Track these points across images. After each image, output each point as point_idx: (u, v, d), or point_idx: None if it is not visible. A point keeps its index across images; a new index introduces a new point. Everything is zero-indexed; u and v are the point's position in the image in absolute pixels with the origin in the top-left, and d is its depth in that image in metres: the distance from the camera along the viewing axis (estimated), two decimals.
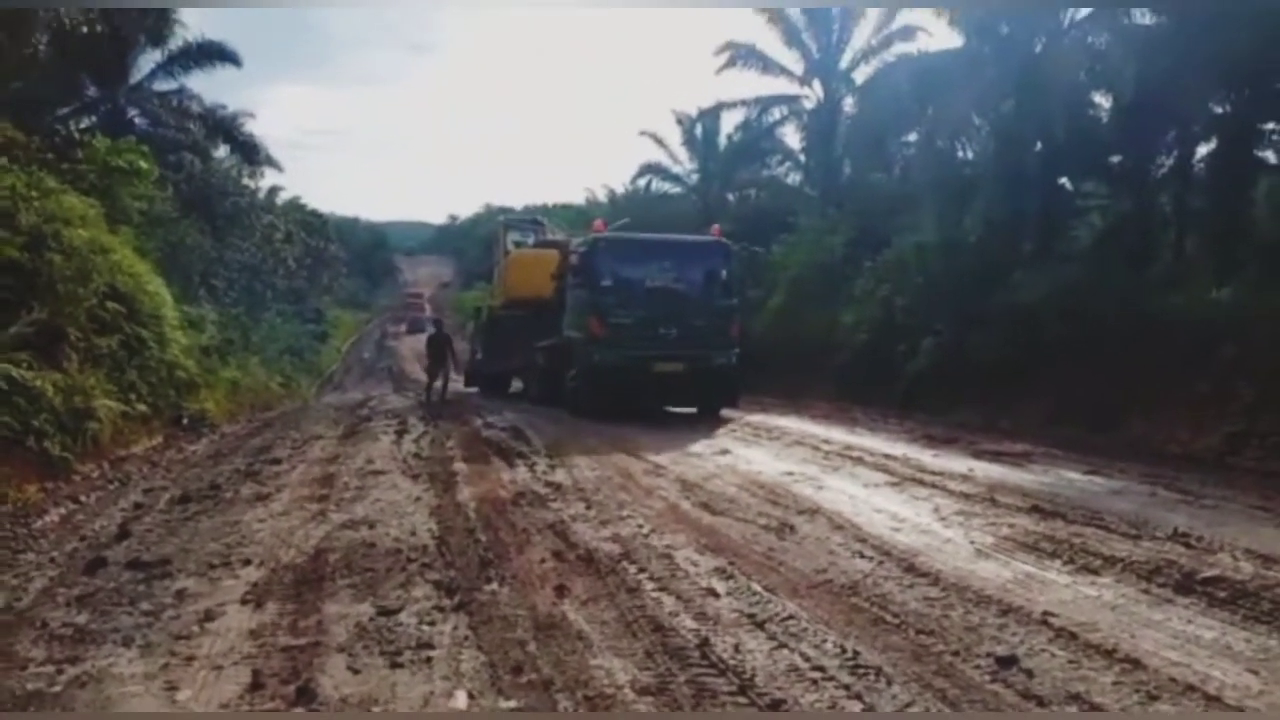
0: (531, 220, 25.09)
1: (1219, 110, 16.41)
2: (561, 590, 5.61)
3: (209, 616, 5.27)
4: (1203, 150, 17.19)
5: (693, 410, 15.10)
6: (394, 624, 5.07)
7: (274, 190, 43.67)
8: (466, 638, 4.90)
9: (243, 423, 17.00)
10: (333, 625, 5.08)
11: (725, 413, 14.98)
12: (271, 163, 31.59)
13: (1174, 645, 4.69)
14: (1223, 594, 5.43)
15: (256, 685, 4.29)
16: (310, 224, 49.03)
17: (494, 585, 5.77)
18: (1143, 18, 16.54)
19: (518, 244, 22.67)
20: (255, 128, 32.28)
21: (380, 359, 46.90)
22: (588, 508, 7.87)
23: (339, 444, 11.97)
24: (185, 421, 14.86)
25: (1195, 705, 3.99)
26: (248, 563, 6.36)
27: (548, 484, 8.91)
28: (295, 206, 48.62)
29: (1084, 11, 17.30)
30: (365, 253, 75.77)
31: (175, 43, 26.23)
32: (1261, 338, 11.44)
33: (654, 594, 5.55)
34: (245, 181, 32.25)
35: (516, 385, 21.30)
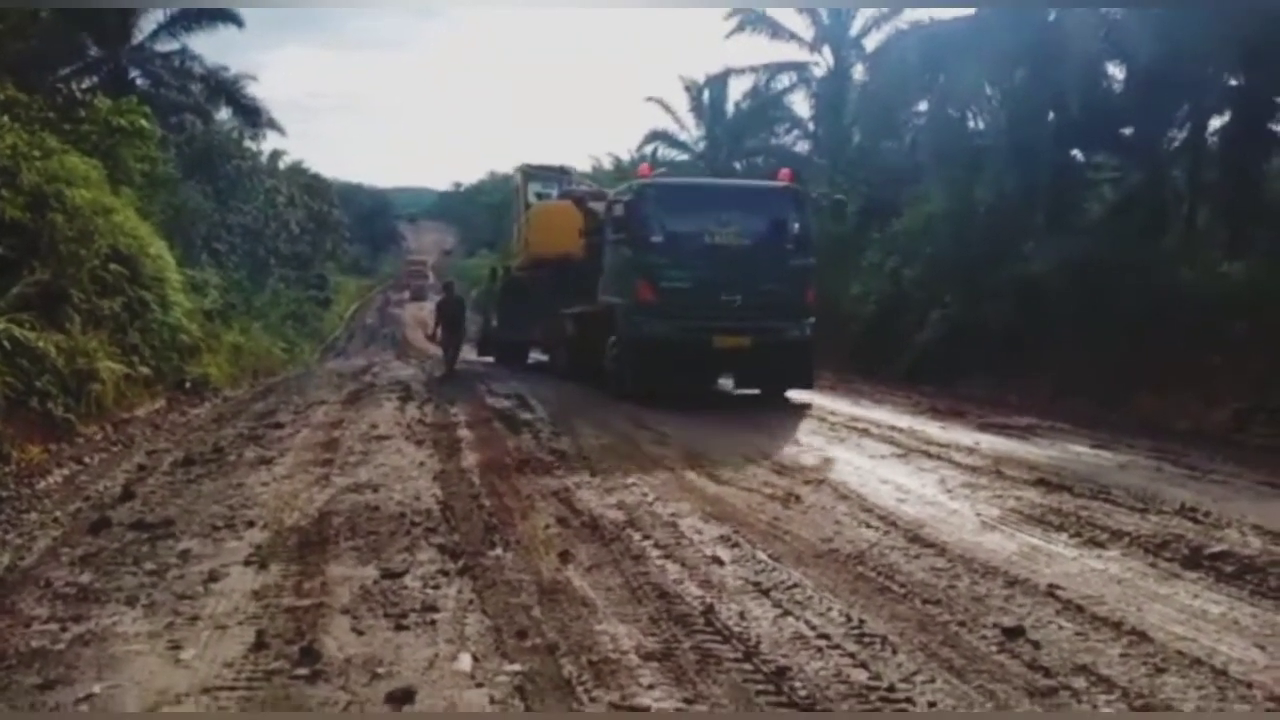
0: (556, 169, 21.24)
1: (1233, 82, 16.24)
2: (566, 556, 5.59)
3: (213, 577, 5.26)
4: (1216, 123, 17.06)
5: (754, 392, 12.99)
6: (398, 587, 5.06)
7: (276, 154, 43.54)
8: (471, 601, 4.88)
9: (245, 387, 17.01)
10: (337, 587, 5.07)
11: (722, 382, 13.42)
12: (274, 126, 31.44)
13: (1181, 619, 4.66)
14: (1230, 569, 5.39)
15: (260, 645, 4.28)
16: (313, 188, 48.87)
17: (498, 550, 5.75)
18: None
19: (540, 196, 19.86)
20: (258, 90, 32.05)
21: (383, 325, 46.89)
22: (591, 475, 7.84)
23: (342, 409, 11.94)
24: (188, 385, 14.85)
25: (1202, 679, 3.96)
26: (251, 525, 6.36)
27: (552, 451, 8.88)
28: (298, 171, 48.45)
29: None
30: (368, 219, 75.49)
31: (177, 3, 26.02)
32: (1273, 312, 11.36)
33: (659, 561, 5.52)
34: (247, 144, 32.05)
35: (535, 356, 19.36)
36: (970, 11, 18.96)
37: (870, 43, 26.53)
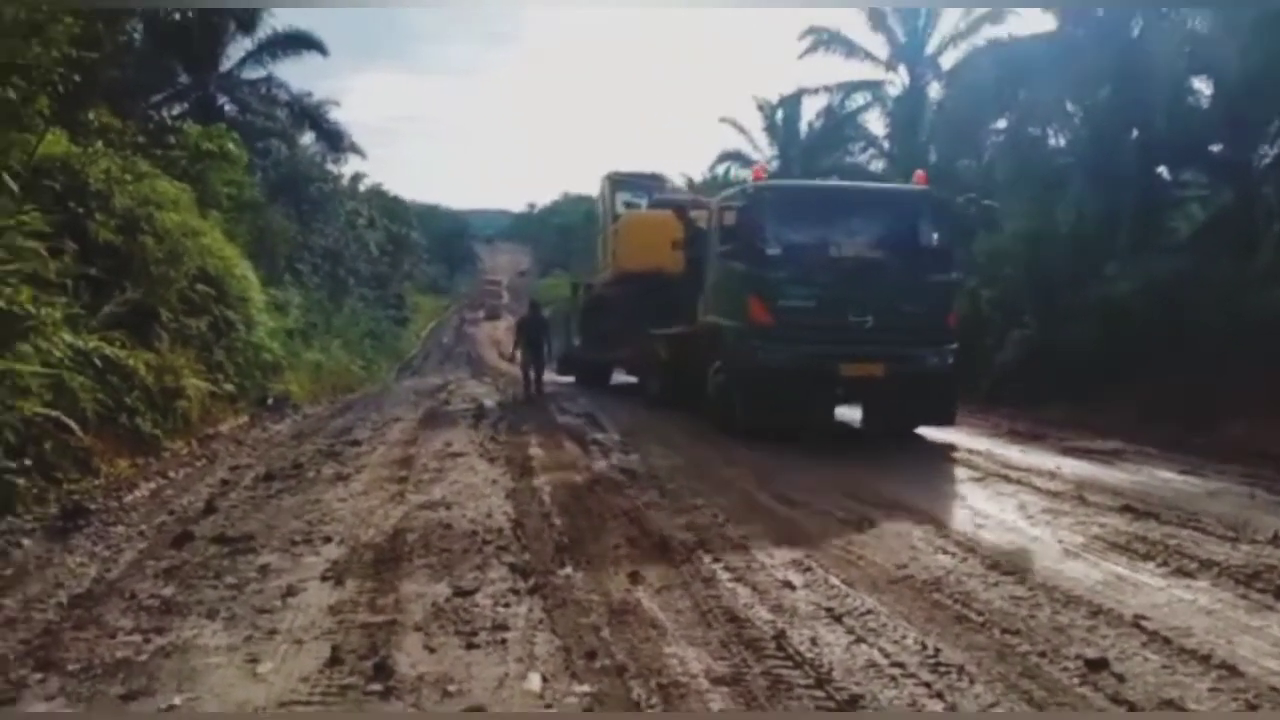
0: (648, 176, 19.67)
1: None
2: (636, 576, 5.58)
3: (290, 592, 5.37)
4: None
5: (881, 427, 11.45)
6: (470, 605, 5.09)
7: (357, 177, 44.68)
8: (541, 621, 4.89)
9: (324, 404, 17.42)
10: (410, 604, 5.12)
11: None
12: (355, 149, 32.33)
13: (1274, 653, 4.45)
14: None
15: (335, 660, 4.34)
16: (392, 210, 49.98)
17: (568, 569, 5.76)
18: None
19: (629, 205, 18.54)
20: (340, 115, 33.00)
21: (458, 344, 47.55)
22: (661, 495, 7.82)
23: (418, 427, 12.14)
24: (270, 402, 15.28)
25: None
26: (328, 540, 6.48)
27: (623, 471, 8.88)
28: (377, 193, 49.59)
29: None
30: (445, 240, 76.99)
31: (264, 31, 26.96)
32: None
33: (729, 584, 5.47)
34: (329, 168, 32.96)
35: (620, 377, 18.37)
36: (1051, 28, 18.67)
37: (946, 61, 26.27)
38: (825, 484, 8.26)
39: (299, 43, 27.79)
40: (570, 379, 19.79)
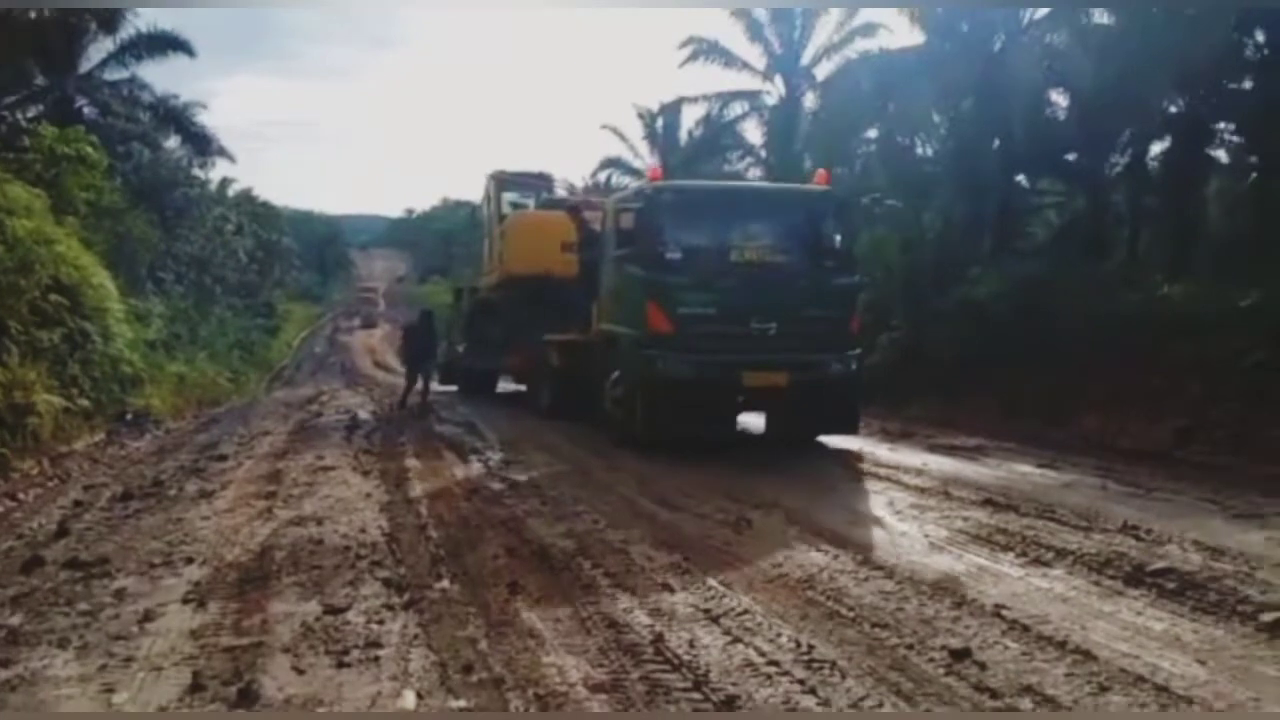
0: (535, 175, 18.95)
1: (1172, 109, 16.70)
2: (515, 587, 5.52)
3: (149, 616, 5.12)
4: (1156, 148, 17.54)
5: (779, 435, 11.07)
6: (341, 623, 4.94)
7: (226, 182, 43.11)
8: (416, 636, 4.79)
9: (189, 418, 16.72)
10: (277, 625, 4.95)
11: None
12: (224, 154, 31.12)
13: (1124, 637, 4.70)
14: (1172, 585, 5.46)
15: (197, 687, 4.16)
16: (262, 216, 48.38)
17: (445, 582, 5.66)
18: (1100, 17, 16.76)
19: (516, 206, 17.86)
20: (209, 119, 31.82)
21: (332, 353, 46.30)
22: (542, 503, 7.76)
23: (288, 440, 11.75)
24: (129, 417, 14.58)
25: (1145, 696, 3.99)
26: (190, 561, 6.20)
27: (502, 480, 8.78)
28: (247, 199, 47.96)
29: (1042, 11, 17.51)
30: (319, 246, 75.00)
31: (127, 31, 25.77)
32: (1210, 333, 11.60)
33: (609, 590, 5.47)
34: (196, 173, 31.68)
35: (508, 385, 17.69)
36: (919, 42, 19.36)
37: (821, 72, 26.91)
38: (705, 486, 8.35)
39: (164, 43, 26.61)
40: (453, 388, 18.86)
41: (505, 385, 17.81)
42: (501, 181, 18.28)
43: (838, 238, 10.99)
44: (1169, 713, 3.91)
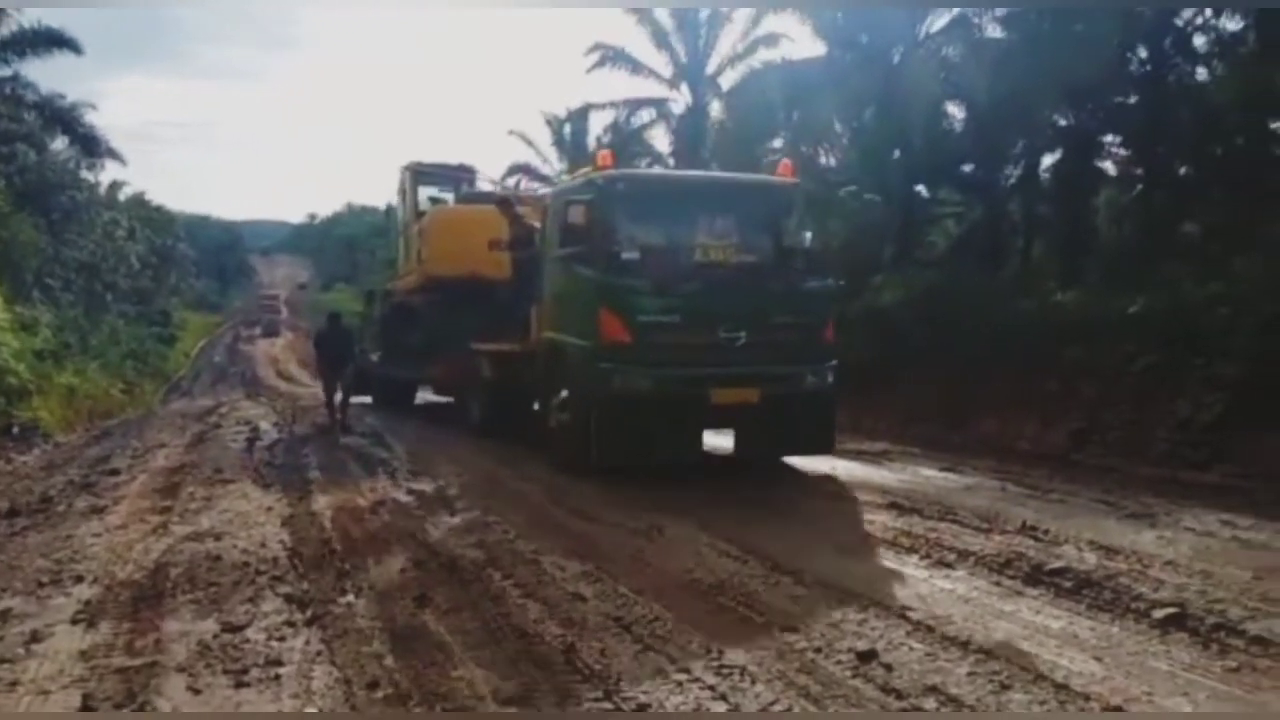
0: (455, 168, 17.32)
1: (1063, 122, 17.36)
2: (423, 600, 5.41)
3: (36, 638, 4.91)
4: (1048, 160, 18.20)
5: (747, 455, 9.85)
6: (240, 641, 4.78)
7: (116, 185, 41.64)
8: (319, 653, 4.66)
9: (80, 431, 16.07)
10: (172, 644, 4.76)
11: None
12: (114, 155, 30.06)
13: (1024, 635, 4.83)
14: (1069, 584, 5.64)
15: (87, 709, 4.00)
16: (156, 221, 46.74)
17: (350, 597, 5.51)
18: (993, 31, 17.34)
19: (434, 201, 16.41)
20: (99, 119, 30.66)
21: (232, 363, 44.96)
22: (451, 515, 7.64)
23: (185, 452, 11.34)
24: (15, 430, 13.94)
25: (1044, 693, 4.10)
26: (80, 579, 5.94)
27: (410, 492, 8.61)
28: (140, 203, 46.33)
29: (939, 24, 18.04)
30: (218, 252, 72.99)
31: (9, 28, 24.68)
32: (1102, 339, 12.06)
33: (519, 601, 5.40)
34: (84, 175, 30.44)
35: (428, 396, 16.45)
36: (821, 53, 19.73)
37: (726, 81, 27.21)
38: (616, 495, 8.29)
39: (49, 41, 25.51)
40: (366, 399, 16.96)
41: (425, 396, 16.74)
42: (418, 173, 16.84)
43: (807, 235, 10.11)
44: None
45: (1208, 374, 10.46)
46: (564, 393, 9.40)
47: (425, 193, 16.78)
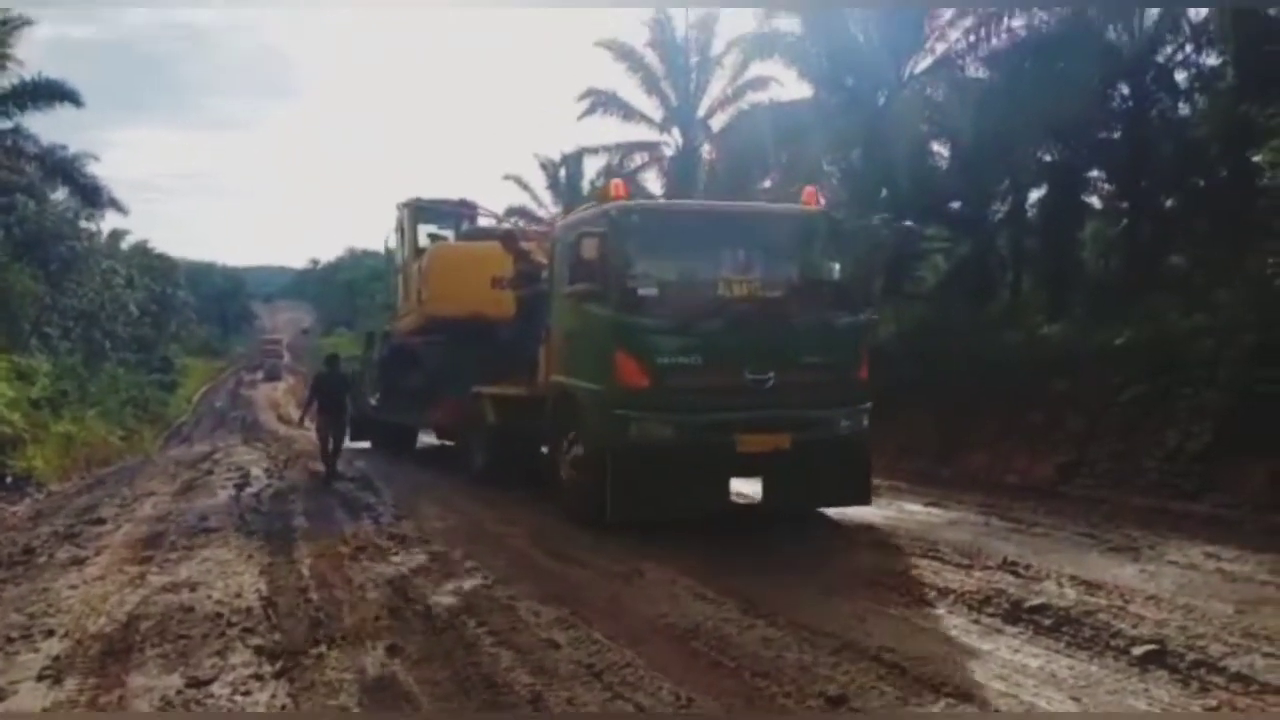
0: (456, 203, 16.67)
1: (1048, 158, 17.49)
2: (394, 649, 5.36)
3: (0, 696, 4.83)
4: (1035, 195, 18.31)
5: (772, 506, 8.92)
6: (203, 696, 4.74)
7: (118, 234, 41.88)
8: (284, 707, 4.61)
9: (75, 480, 16.00)
10: (135, 700, 4.72)
11: None
12: (116, 205, 30.18)
13: (1001, 675, 4.78)
14: (1048, 622, 5.59)
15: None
16: (155, 269, 46.97)
17: (322, 648, 5.46)
18: (976, 71, 17.51)
19: (434, 238, 15.77)
20: (103, 170, 30.97)
21: (234, 409, 44.95)
22: (431, 560, 7.59)
23: (173, 500, 11.30)
24: (8, 480, 13.93)
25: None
26: (51, 634, 5.89)
27: (392, 537, 8.56)
28: (141, 251, 46.61)
29: (922, 65, 18.22)
30: (220, 299, 73.34)
31: (9, 80, 24.99)
32: (1088, 371, 12.06)
33: (491, 649, 5.35)
34: (84, 225, 30.64)
35: (429, 439, 16.19)
36: (808, 95, 19.92)
37: (716, 123, 27.42)
38: (599, 537, 8.15)
39: (50, 93, 25.80)
40: (365, 444, 16.84)
41: (428, 439, 16.35)
42: (417, 210, 16.11)
43: (836, 266, 9.37)
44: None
45: (1195, 404, 10.47)
46: (576, 441, 8.86)
47: (425, 230, 16.16)
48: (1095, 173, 17.53)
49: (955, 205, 18.72)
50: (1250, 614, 5.71)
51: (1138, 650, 5.08)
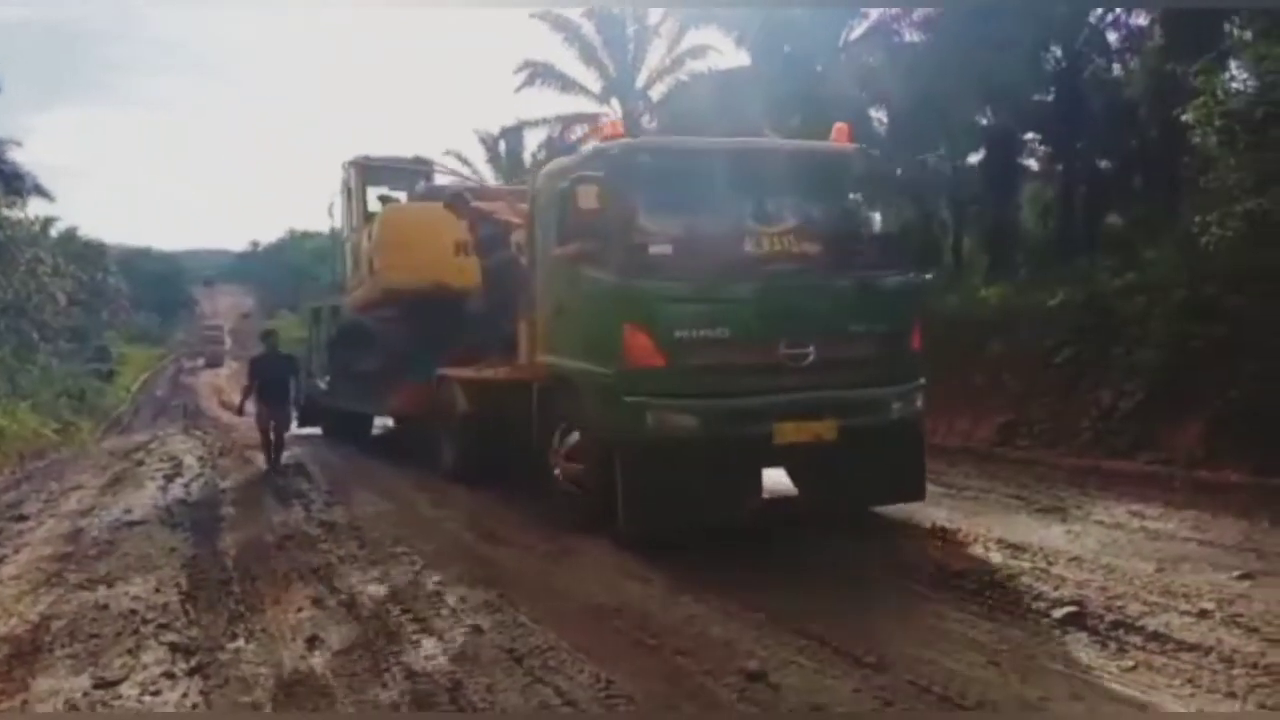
0: (410, 161, 14.86)
1: (984, 122, 17.58)
2: (314, 641, 5.22)
3: None
4: (974, 159, 18.43)
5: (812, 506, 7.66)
6: (111, 697, 4.58)
7: (49, 221, 40.68)
8: (195, 705, 4.47)
9: (5, 475, 15.52)
10: (38, 704, 4.54)
11: None
12: (41, 192, 29.30)
13: (923, 643, 4.77)
14: (973, 586, 5.61)
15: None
16: (84, 256, 45.68)
17: (240, 642, 5.31)
18: (911, 36, 17.52)
19: (385, 200, 13.76)
20: (22, 156, 29.84)
21: (174, 397, 44.03)
22: (360, 547, 7.44)
23: (99, 494, 10.98)
24: None
25: (928, 707, 4.03)
26: None
27: (321, 524, 8.38)
28: (69, 238, 45.34)
29: (858, 32, 18.19)
30: (157, 284, 71.56)
31: None
32: (1026, 332, 12.14)
33: (415, 637, 5.23)
34: (5, 213, 29.67)
35: (384, 421, 14.85)
36: (746, 64, 19.81)
37: (655, 93, 27.21)
38: (538, 518, 7.95)
39: None
40: (314, 430, 15.53)
41: (382, 424, 15.20)
42: (365, 169, 14.20)
43: (880, 217, 7.96)
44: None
45: (1128, 362, 10.60)
46: (572, 434, 7.44)
47: (375, 193, 14.24)
48: (1031, 135, 17.67)
49: (896, 171, 18.78)
50: (1170, 572, 5.79)
51: (1057, 613, 5.11)
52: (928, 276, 8.10)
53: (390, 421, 14.44)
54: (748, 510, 6.83)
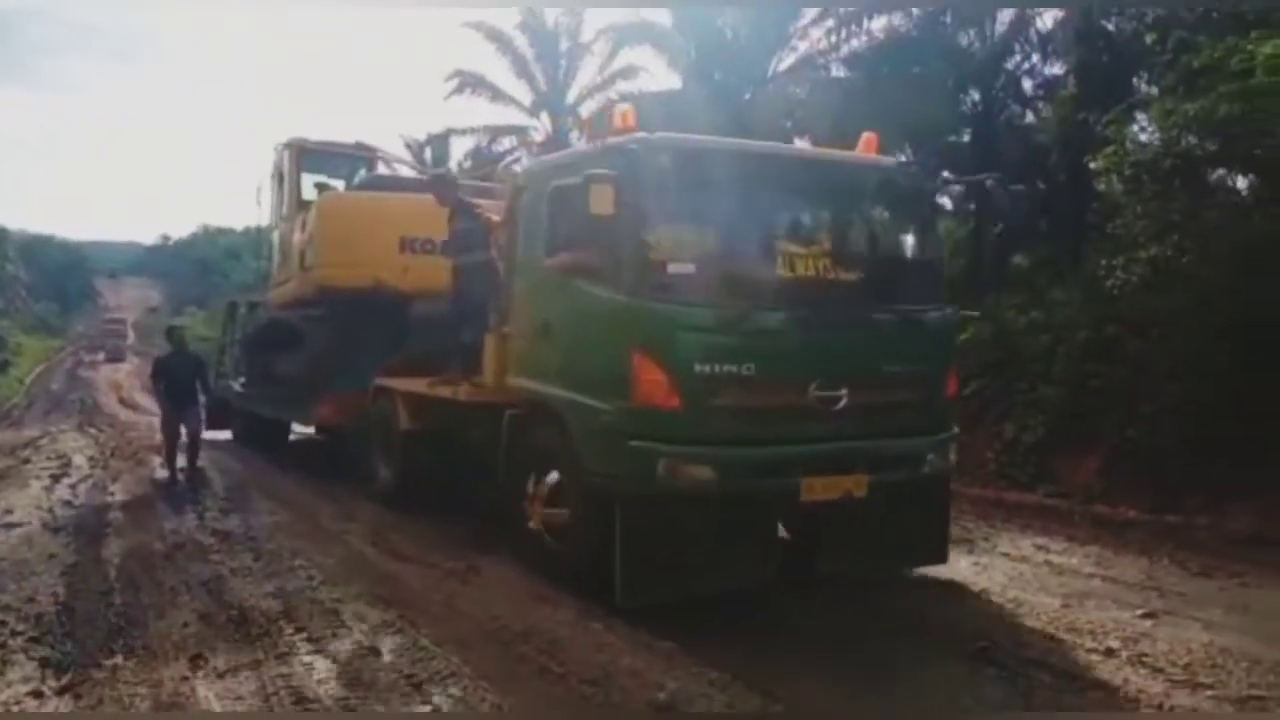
0: (351, 147, 13.48)
1: (902, 159, 17.91)
2: (198, 660, 4.94)
3: None
4: None
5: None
6: None
7: None
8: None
9: None
10: None
11: None
12: None
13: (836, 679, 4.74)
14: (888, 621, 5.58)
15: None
16: None
17: (118, 658, 5.00)
18: (837, 72, 17.82)
19: (321, 188, 12.34)
20: None
21: (71, 391, 42.18)
22: (255, 559, 7.12)
23: None
24: None
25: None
26: None
27: (215, 533, 8.02)
28: None
29: (786, 63, 18.44)
30: (58, 273, 68.76)
31: None
32: None
33: (307, 658, 4.99)
34: None
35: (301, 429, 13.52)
36: (678, 86, 19.91)
37: (585, 111, 27.16)
38: (447, 533, 7.80)
39: None
40: (224, 434, 14.55)
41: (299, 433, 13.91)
42: (301, 153, 12.88)
43: (923, 241, 6.92)
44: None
45: (1031, 398, 10.89)
46: (552, 474, 6.40)
47: (310, 180, 12.84)
48: (946, 174, 18.05)
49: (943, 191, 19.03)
50: (1075, 608, 5.87)
51: (969, 648, 5.12)
52: (962, 312, 7.38)
53: (311, 430, 13.22)
54: (767, 574, 5.93)
